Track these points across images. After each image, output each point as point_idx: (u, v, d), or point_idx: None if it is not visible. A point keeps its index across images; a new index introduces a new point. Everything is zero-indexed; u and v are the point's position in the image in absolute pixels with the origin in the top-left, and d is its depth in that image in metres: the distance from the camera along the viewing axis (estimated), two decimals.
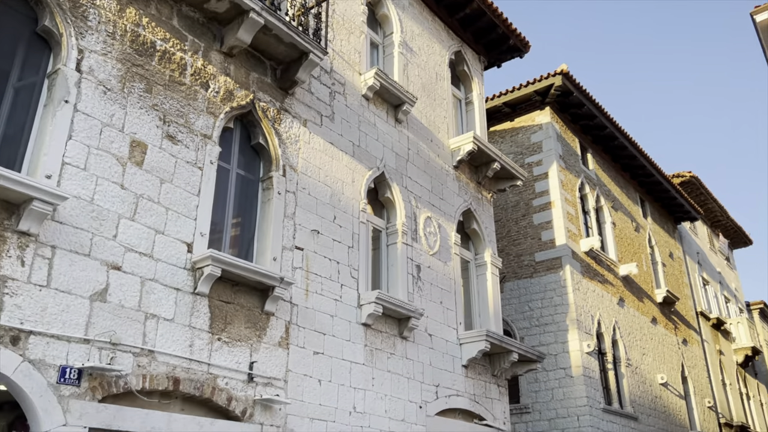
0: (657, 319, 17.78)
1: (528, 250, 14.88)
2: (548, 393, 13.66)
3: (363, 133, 9.40)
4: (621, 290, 16.23)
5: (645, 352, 16.37)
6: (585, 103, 15.90)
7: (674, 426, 16.59)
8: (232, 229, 7.53)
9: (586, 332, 13.99)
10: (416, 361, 9.00)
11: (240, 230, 7.62)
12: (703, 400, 18.98)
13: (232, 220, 7.53)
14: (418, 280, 9.55)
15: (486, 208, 11.72)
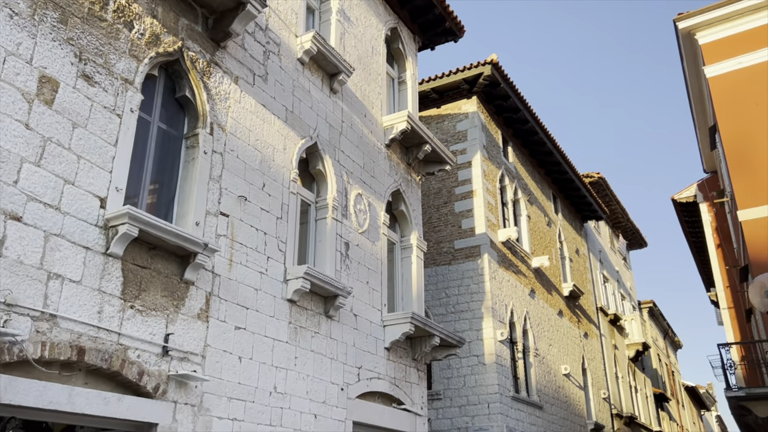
0: (563, 311, 18.35)
1: (448, 237, 14.84)
2: (460, 380, 13.68)
3: (297, 99, 8.86)
4: (533, 282, 16.58)
5: (551, 343, 16.84)
6: (511, 95, 16.05)
7: (573, 415, 17.20)
8: (151, 187, 6.80)
9: (499, 321, 14.13)
10: (340, 342, 8.61)
11: (159, 190, 6.90)
12: (599, 391, 19.85)
13: (151, 178, 6.79)
14: (346, 258, 9.14)
15: (414, 190, 11.49)
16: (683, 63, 14.43)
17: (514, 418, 13.63)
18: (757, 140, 12.00)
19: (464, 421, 13.36)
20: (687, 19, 13.24)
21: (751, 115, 12.22)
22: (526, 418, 14.27)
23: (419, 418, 10.01)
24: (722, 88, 12.71)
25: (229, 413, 6.65)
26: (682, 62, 14.42)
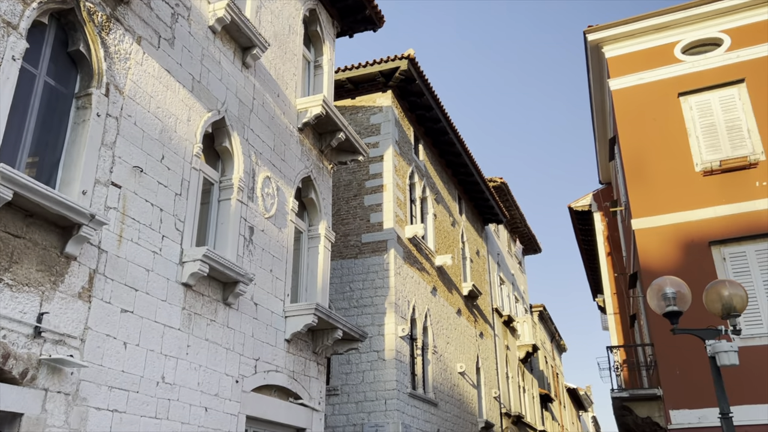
0: (462, 310, 18.61)
1: (355, 230, 14.58)
2: (359, 375, 13.46)
3: (206, 69, 8.25)
4: (435, 280, 16.66)
5: (449, 341, 17.00)
6: (425, 92, 16.04)
7: (466, 413, 17.46)
8: (32, 148, 6.02)
9: (401, 317, 14.05)
10: (238, 331, 8.10)
11: (42, 152, 6.13)
12: (491, 390, 20.32)
13: (33, 138, 6.02)
14: (250, 244, 8.63)
15: (326, 178, 11.12)
16: (589, 74, 14.97)
17: (409, 415, 13.58)
18: (653, 153, 12.61)
19: (360, 418, 13.15)
20: (596, 32, 13.73)
21: (648, 130, 12.83)
22: (422, 415, 14.27)
23: (316, 414, 9.66)
24: (624, 102, 13.27)
25: (110, 404, 6.00)
26: (589, 74, 14.97)
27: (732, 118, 12.20)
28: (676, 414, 10.69)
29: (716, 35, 12.98)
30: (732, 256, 11.32)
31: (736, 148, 11.94)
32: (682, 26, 13.24)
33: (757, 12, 12.71)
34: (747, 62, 12.48)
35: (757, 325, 10.73)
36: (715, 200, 11.78)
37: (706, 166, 11.99)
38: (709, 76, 12.69)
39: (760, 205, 11.39)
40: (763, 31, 12.58)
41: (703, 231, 11.65)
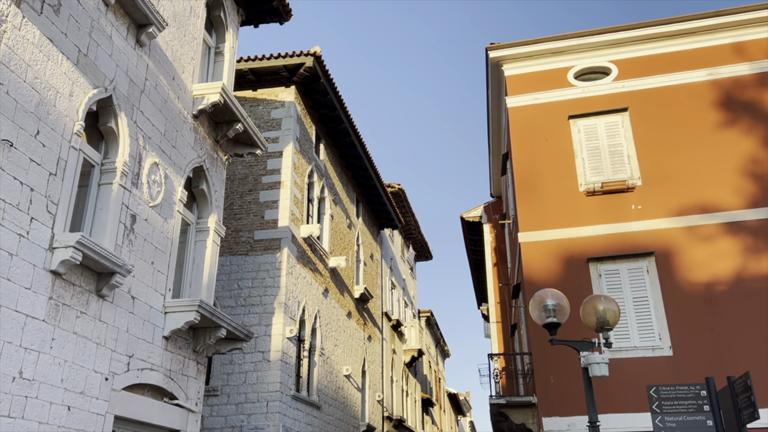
0: (352, 313, 18.58)
1: (248, 226, 14.15)
2: (241, 376, 13.05)
3: (94, 43, 7.66)
4: (327, 281, 16.52)
5: (337, 343, 16.90)
6: (329, 92, 15.90)
7: (349, 416, 17.43)
8: None
9: (290, 317, 13.79)
10: (111, 326, 7.55)
11: None
12: (375, 393, 20.44)
13: None
14: (131, 233, 8.10)
15: (219, 170, 10.68)
16: (488, 90, 15.47)
17: (291, 418, 13.33)
18: (542, 171, 13.20)
19: (239, 420, 12.74)
20: (497, 50, 14.20)
21: (539, 148, 13.42)
22: (304, 417, 14.07)
23: (192, 415, 9.22)
24: (519, 120, 13.81)
25: None
26: (488, 90, 15.46)
27: (615, 143, 13.01)
28: (548, 421, 11.19)
29: (606, 64, 13.81)
30: (607, 273, 12.04)
31: (616, 171, 12.74)
32: (576, 53, 13.98)
33: (643, 47, 13.66)
34: (631, 92, 13.37)
35: (626, 339, 11.47)
36: (595, 219, 12.49)
37: (589, 187, 12.69)
38: (597, 102, 13.48)
39: (635, 227, 12.21)
40: (647, 65, 13.54)
41: (583, 248, 12.32)
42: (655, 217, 12.21)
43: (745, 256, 11.55)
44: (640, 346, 11.35)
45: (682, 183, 12.35)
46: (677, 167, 12.49)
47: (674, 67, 13.37)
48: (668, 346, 11.22)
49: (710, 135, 12.60)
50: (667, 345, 11.23)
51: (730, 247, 11.67)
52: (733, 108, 12.72)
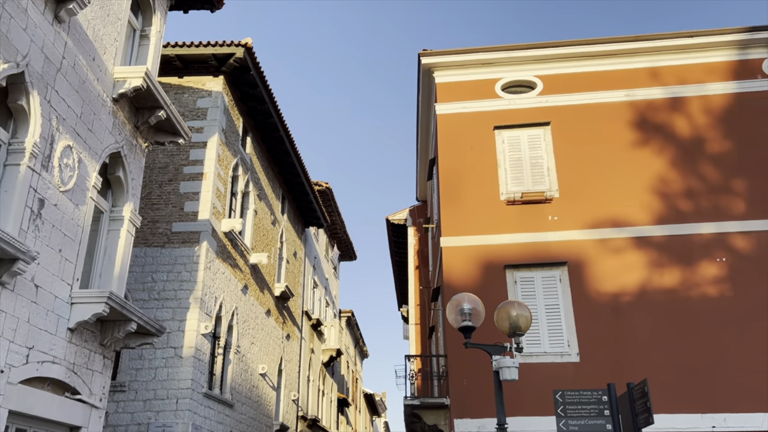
0: (271, 311, 18.33)
1: (166, 218, 13.70)
2: (151, 372, 12.61)
3: (7, 15, 7.19)
4: (247, 277, 16.23)
5: (254, 341, 16.63)
6: (259, 85, 15.63)
7: (262, 415, 17.18)
8: None
9: (206, 313, 13.44)
10: (10, 315, 7.11)
11: None
12: (290, 393, 20.24)
13: None
14: (38, 218, 7.66)
15: (138, 157, 10.28)
16: (419, 96, 15.66)
17: (202, 416, 12.99)
18: (467, 178, 13.49)
19: (147, 417, 12.30)
20: (429, 57, 14.41)
21: (465, 156, 13.71)
22: (215, 416, 13.75)
23: (95, 411, 8.82)
24: (447, 127, 14.06)
25: None
26: (419, 95, 15.65)
27: (536, 155, 13.46)
28: (459, 423, 11.43)
29: (532, 79, 14.28)
30: (522, 280, 12.44)
31: (536, 183, 13.19)
32: (504, 66, 14.37)
33: (567, 65, 14.21)
34: (554, 107, 13.88)
35: (537, 344, 11.88)
36: (514, 228, 12.88)
37: (509, 196, 13.07)
38: (522, 115, 13.91)
39: (550, 237, 12.67)
40: (570, 82, 14.09)
41: (501, 255, 12.67)
42: (570, 229, 12.72)
43: (649, 269, 12.22)
44: (550, 351, 11.79)
45: (596, 197, 12.92)
46: (593, 182, 13.06)
47: (595, 86, 13.99)
48: (576, 353, 11.71)
49: (625, 153, 13.26)
50: (575, 352, 11.72)
51: (637, 260, 12.31)
52: (647, 129, 13.43)
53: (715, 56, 13.85)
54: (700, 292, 11.93)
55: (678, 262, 12.19)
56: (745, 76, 13.60)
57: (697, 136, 13.21)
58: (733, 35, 13.65)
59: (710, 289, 11.93)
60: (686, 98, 13.59)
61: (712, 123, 13.28)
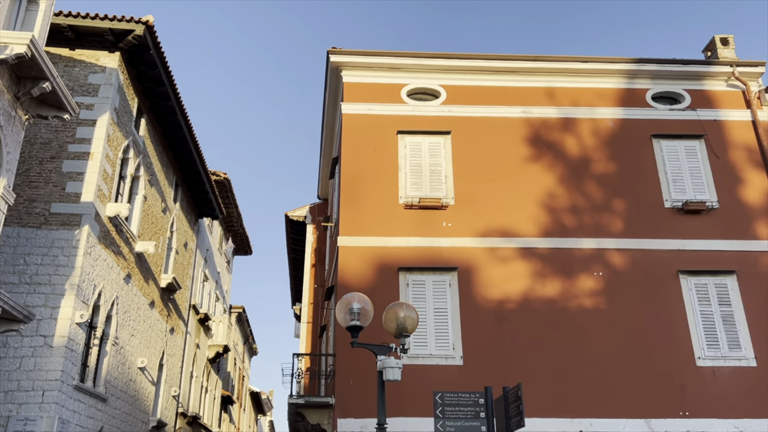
0: (155, 303, 17.55)
1: (45, 197, 12.76)
2: (16, 361, 11.68)
3: None
4: (131, 266, 15.44)
5: (134, 333, 15.84)
6: (158, 65, 14.94)
7: (138, 411, 16.39)
8: None
9: (83, 301, 12.64)
10: None
11: None
12: (171, 388, 19.46)
13: None
14: None
15: (17, 130, 9.50)
16: (326, 93, 15.58)
17: (71, 410, 12.20)
18: (368, 180, 13.56)
19: (8, 409, 11.38)
20: (338, 55, 14.38)
21: (368, 157, 13.78)
22: (86, 410, 12.95)
23: None
24: (351, 127, 14.07)
25: None
26: (326, 92, 15.57)
27: (436, 163, 13.76)
28: (342, 422, 11.44)
29: (436, 87, 14.60)
30: (414, 283, 12.66)
31: (434, 189, 13.48)
32: (411, 72, 14.60)
33: (470, 77, 14.65)
34: (456, 117, 14.26)
35: (424, 346, 12.12)
36: (410, 232, 13.09)
37: (407, 201, 13.28)
38: (425, 122, 14.19)
39: (443, 243, 12.99)
40: (472, 95, 14.53)
41: (396, 257, 12.84)
42: (462, 236, 13.10)
43: (533, 279, 12.82)
44: (436, 354, 12.07)
45: (489, 207, 13.39)
46: (486, 192, 13.53)
47: (495, 100, 14.51)
48: (460, 356, 12.06)
49: (518, 167, 13.84)
50: (459, 355, 12.07)
51: (522, 270, 12.88)
52: (540, 146, 14.10)
53: (606, 83, 14.77)
54: (577, 303, 12.66)
55: (559, 274, 12.87)
56: (631, 104, 14.61)
57: (585, 156, 14.03)
58: (622, 64, 14.62)
59: (586, 301, 12.68)
60: (577, 119, 14.40)
61: (598, 145, 14.15)
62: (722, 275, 12.89)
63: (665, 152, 14.05)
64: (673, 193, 13.64)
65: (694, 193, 13.65)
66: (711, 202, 13.50)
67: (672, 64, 14.64)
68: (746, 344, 12.36)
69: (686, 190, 13.68)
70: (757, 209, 13.58)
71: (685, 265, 12.96)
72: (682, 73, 14.73)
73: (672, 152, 14.06)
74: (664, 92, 14.85)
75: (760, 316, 12.59)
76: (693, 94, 14.75)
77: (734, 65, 14.70)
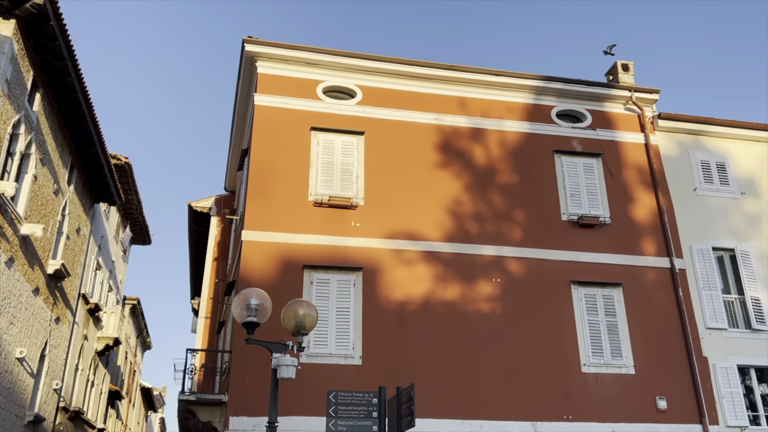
0: (40, 290, 16.42)
1: None
2: None
3: None
4: (15, 249, 14.36)
5: (14, 321, 14.74)
6: (59, 38, 13.99)
7: (13, 404, 15.25)
8: None
9: None
10: None
11: None
12: (52, 381, 18.27)
13: None
14: None
15: None
16: (239, 82, 15.19)
17: None
18: (277, 174, 13.33)
19: None
20: (254, 45, 14.05)
21: (279, 151, 13.55)
22: None
23: None
24: (264, 119, 13.79)
25: None
26: (239, 81, 15.17)
27: (348, 162, 13.74)
28: (234, 420, 11.16)
29: (353, 87, 14.58)
30: (319, 281, 12.57)
31: (344, 189, 13.45)
32: (328, 69, 14.51)
33: (387, 80, 14.75)
34: (370, 119, 14.30)
35: (324, 345, 12.05)
36: (317, 230, 12.99)
37: (317, 198, 13.17)
38: (339, 120, 14.13)
39: (351, 242, 12.98)
40: (387, 97, 14.63)
41: (302, 255, 12.69)
42: (370, 236, 13.14)
43: (435, 282, 13.06)
44: (335, 353, 12.03)
45: (397, 209, 13.52)
46: (396, 195, 13.65)
47: (410, 105, 14.68)
48: (359, 356, 12.08)
49: (427, 172, 14.06)
50: (359, 355, 12.09)
51: (425, 273, 13.09)
52: (449, 153, 14.39)
53: (515, 97, 15.31)
54: (475, 307, 13.01)
55: (460, 278, 13.19)
56: (537, 119, 15.21)
57: (491, 166, 14.46)
58: (531, 81, 15.20)
59: (484, 306, 13.06)
60: (486, 130, 14.83)
61: (504, 156, 14.64)
62: (610, 287, 13.67)
63: (565, 168, 14.74)
64: (570, 207, 14.32)
65: (590, 208, 14.40)
66: (604, 218, 14.29)
67: (577, 84, 15.39)
68: (627, 353, 13.16)
69: (582, 204, 14.41)
70: (645, 227, 14.51)
71: (576, 276, 13.64)
72: (586, 94, 15.51)
73: (571, 168, 14.77)
74: (568, 110, 15.58)
75: (641, 327, 13.45)
76: (594, 115, 15.57)
77: (633, 90, 15.65)
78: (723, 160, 15.64)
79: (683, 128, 15.70)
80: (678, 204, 14.92)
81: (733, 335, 13.85)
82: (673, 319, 13.67)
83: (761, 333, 13.95)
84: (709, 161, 15.55)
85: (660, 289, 13.89)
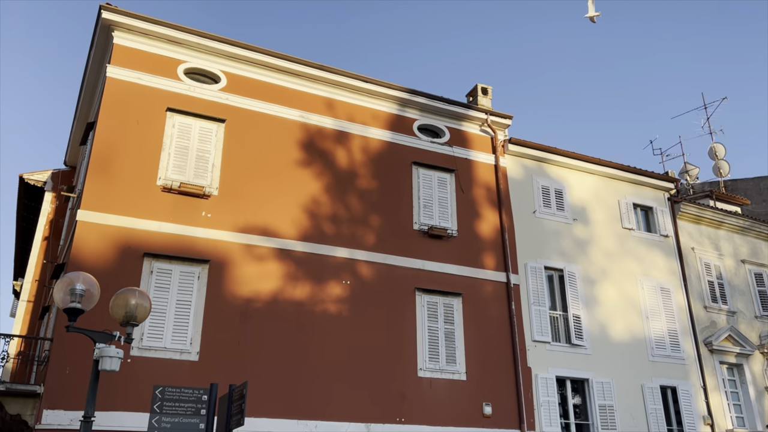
0: None
1: None
2: None
3: None
4: None
5: None
6: None
7: None
8: None
9: None
10: None
11: None
12: None
13: None
14: None
15: None
16: (92, 50, 14.04)
17: None
18: (125, 153, 12.48)
19: None
20: (112, 13, 13.04)
21: (129, 129, 12.69)
22: None
23: None
24: (115, 93, 12.86)
25: None
26: (92, 49, 14.02)
27: (204, 149, 13.19)
28: (49, 414, 10.24)
29: (217, 72, 14.04)
30: (160, 271, 11.90)
31: (198, 176, 12.88)
32: (191, 50, 13.85)
33: (253, 69, 14.36)
34: (233, 107, 13.85)
35: (159, 339, 11.42)
36: (164, 216, 12.31)
37: (167, 183, 12.49)
38: (200, 105, 13.53)
39: (199, 233, 12.45)
40: (253, 88, 14.25)
41: (143, 241, 11.95)
42: (221, 228, 12.70)
43: (285, 280, 12.90)
44: (171, 348, 11.46)
45: (252, 203, 13.19)
46: (253, 188, 13.32)
47: (276, 98, 14.41)
48: (196, 352, 11.60)
49: (288, 169, 13.88)
50: (196, 350, 11.61)
51: (276, 270, 12.89)
52: (312, 152, 14.32)
53: (381, 105, 15.60)
54: (323, 308, 13.03)
55: (311, 278, 13.14)
56: (399, 130, 15.60)
57: (352, 170, 14.60)
58: (397, 92, 15.57)
59: (331, 307, 13.12)
60: (351, 135, 14.95)
61: (365, 162, 14.84)
62: (451, 296, 14.33)
63: (421, 179, 15.26)
64: (422, 217, 14.84)
65: (440, 219, 15.01)
66: (452, 230, 14.96)
67: (439, 101, 16.01)
68: (461, 360, 13.85)
69: (433, 216, 14.99)
70: (487, 242, 15.40)
71: (421, 284, 14.14)
72: (446, 111, 16.18)
73: (427, 180, 15.32)
74: (428, 125, 16.16)
75: (475, 336, 14.24)
76: (452, 132, 16.28)
77: (489, 113, 16.58)
78: (561, 188, 17.03)
79: (530, 154, 16.88)
80: (518, 224, 16.00)
81: (555, 348, 15.09)
82: (504, 331, 14.61)
83: (579, 348, 15.33)
84: (549, 187, 16.85)
85: (495, 302, 14.80)
